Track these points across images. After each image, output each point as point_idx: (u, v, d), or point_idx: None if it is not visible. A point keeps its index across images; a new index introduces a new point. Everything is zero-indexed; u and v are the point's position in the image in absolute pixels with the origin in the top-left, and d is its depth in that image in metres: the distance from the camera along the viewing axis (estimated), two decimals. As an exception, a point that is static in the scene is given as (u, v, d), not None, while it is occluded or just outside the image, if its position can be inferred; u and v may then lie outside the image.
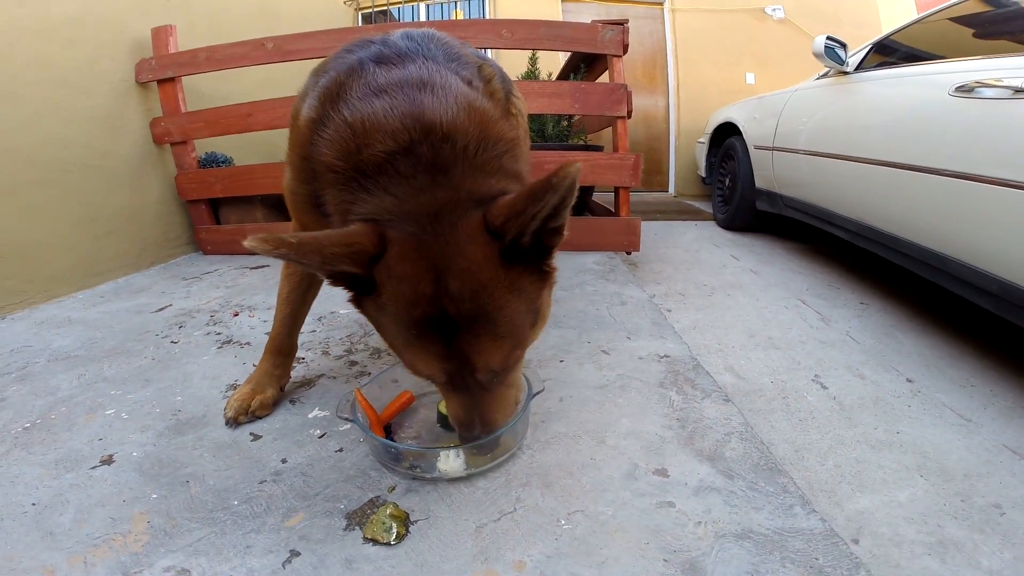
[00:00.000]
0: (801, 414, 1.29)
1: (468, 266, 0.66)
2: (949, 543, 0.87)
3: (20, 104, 1.91)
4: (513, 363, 0.76)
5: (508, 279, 0.68)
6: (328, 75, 0.83)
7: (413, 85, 0.75)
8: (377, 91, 0.75)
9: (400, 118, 0.71)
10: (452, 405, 0.80)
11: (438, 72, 0.78)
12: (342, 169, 0.73)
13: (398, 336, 0.71)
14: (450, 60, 0.84)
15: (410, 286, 0.66)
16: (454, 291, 0.65)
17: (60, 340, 1.55)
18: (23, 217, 1.89)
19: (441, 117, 0.71)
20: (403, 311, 0.67)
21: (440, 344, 0.69)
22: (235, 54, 2.46)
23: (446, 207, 0.67)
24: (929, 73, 1.80)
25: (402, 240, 0.67)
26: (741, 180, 3.35)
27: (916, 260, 1.80)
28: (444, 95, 0.74)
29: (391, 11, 5.73)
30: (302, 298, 1.17)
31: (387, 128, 0.71)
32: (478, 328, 0.68)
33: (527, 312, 0.72)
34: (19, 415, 1.13)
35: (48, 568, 0.73)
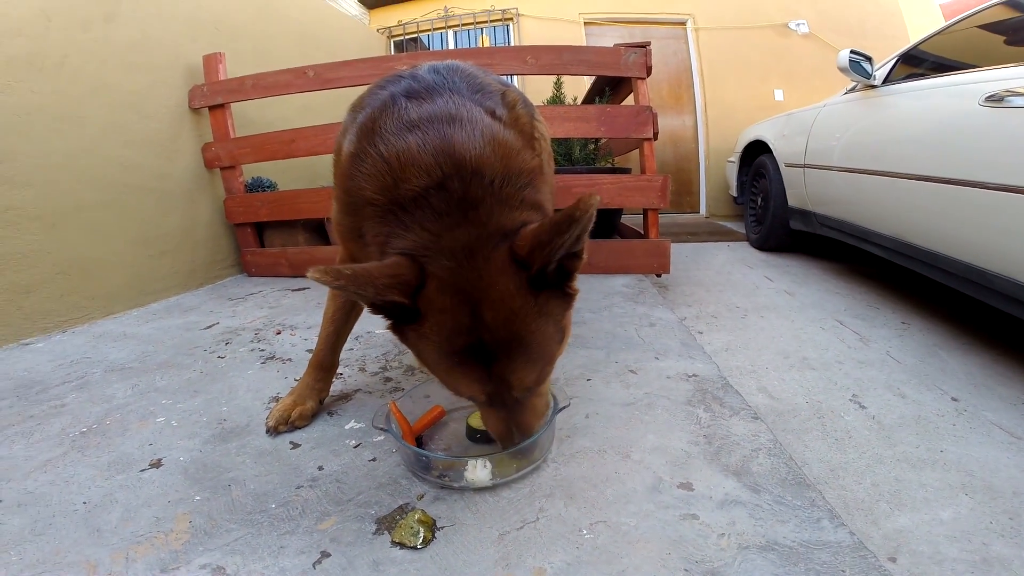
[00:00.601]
0: (837, 434, 1.26)
1: (500, 296, 0.71)
2: (995, 561, 0.83)
3: (86, 127, 2.06)
4: (544, 378, 0.83)
5: (537, 305, 0.74)
6: (364, 111, 0.90)
7: (442, 120, 0.81)
8: (409, 126, 0.81)
9: (432, 153, 0.77)
10: (492, 420, 0.86)
11: (464, 105, 0.84)
12: (380, 203, 0.80)
13: (440, 362, 0.77)
14: (475, 92, 0.89)
15: (450, 317, 0.72)
16: (489, 321, 0.71)
17: (116, 353, 1.66)
18: (87, 235, 2.04)
19: (470, 152, 0.77)
20: (445, 340, 0.73)
21: (480, 369, 0.75)
22: (279, 81, 2.62)
23: (477, 242, 0.73)
24: (958, 83, 1.77)
25: (440, 274, 0.72)
26: (773, 199, 3.30)
27: (957, 277, 1.74)
28: (471, 129, 0.80)
29: (421, 38, 5.99)
30: (345, 318, 1.23)
31: (420, 163, 0.77)
32: (513, 352, 0.74)
33: (555, 332, 0.78)
34: (76, 420, 1.22)
35: (91, 563, 0.78)
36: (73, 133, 2.01)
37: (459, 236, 0.73)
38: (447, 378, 0.79)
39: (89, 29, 2.10)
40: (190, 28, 2.65)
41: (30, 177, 1.85)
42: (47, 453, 1.08)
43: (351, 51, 4.20)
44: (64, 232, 1.95)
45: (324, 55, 3.69)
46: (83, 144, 2.05)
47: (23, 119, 1.84)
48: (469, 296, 0.72)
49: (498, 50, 2.55)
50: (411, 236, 0.75)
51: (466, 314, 0.72)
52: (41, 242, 1.88)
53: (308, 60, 2.81)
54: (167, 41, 2.50)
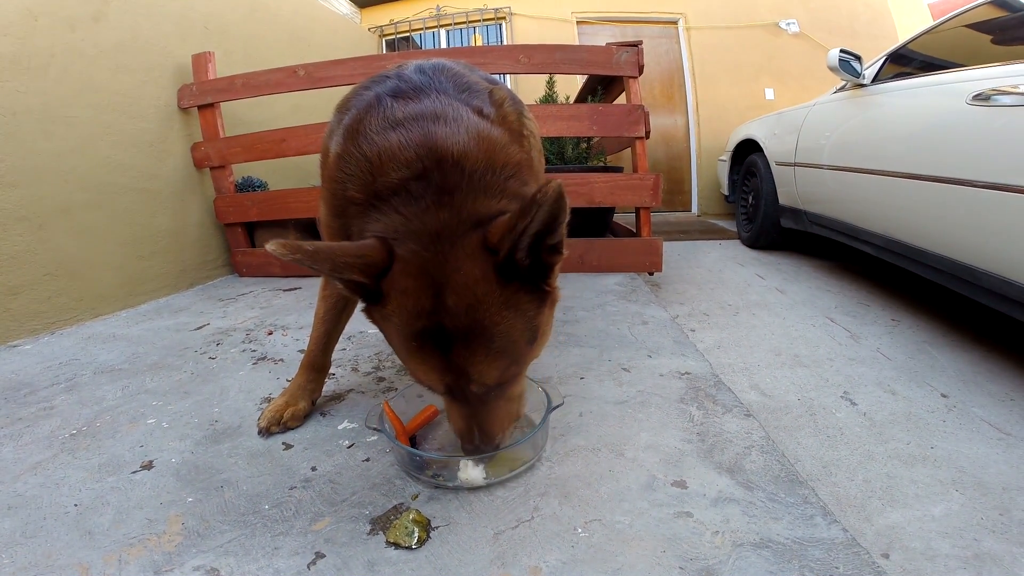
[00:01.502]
0: (829, 430, 1.27)
1: (464, 281, 0.69)
2: (986, 557, 0.84)
3: (73, 127, 2.04)
4: (509, 378, 0.79)
5: (504, 296, 0.71)
6: (350, 113, 0.89)
7: (427, 118, 0.80)
8: (393, 124, 0.81)
9: (414, 148, 0.77)
10: (452, 414, 0.84)
11: (450, 104, 0.84)
12: (361, 200, 0.79)
13: (401, 345, 0.76)
14: (461, 91, 0.89)
15: (412, 299, 0.71)
16: (451, 305, 0.69)
17: (105, 354, 1.65)
18: (75, 236, 2.02)
19: (452, 146, 0.76)
20: (405, 322, 0.72)
21: (438, 356, 0.73)
22: (270, 80, 2.60)
23: (447, 226, 0.71)
24: (945, 82, 1.79)
25: (406, 256, 0.71)
26: (764, 197, 3.33)
27: (947, 274, 1.76)
28: (456, 126, 0.79)
29: (413, 37, 5.97)
30: (337, 319, 1.22)
31: (400, 158, 0.76)
32: (473, 342, 0.71)
33: (524, 329, 0.75)
34: (66, 422, 1.20)
35: (83, 565, 0.77)
36: (60, 133, 1.98)
37: (429, 219, 0.72)
38: (408, 362, 0.78)
39: (76, 29, 2.07)
40: (179, 27, 2.62)
41: (17, 178, 1.82)
42: (37, 455, 1.07)
43: (342, 50, 4.17)
44: (52, 233, 1.93)
45: (315, 54, 3.68)
46: (71, 144, 2.02)
47: (9, 119, 1.81)
48: (433, 279, 0.70)
49: (491, 49, 2.55)
50: (384, 220, 0.75)
51: (428, 297, 0.70)
52: (28, 243, 1.85)
53: (299, 59, 2.79)
54: (156, 41, 2.47)
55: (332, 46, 4.15)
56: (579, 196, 2.51)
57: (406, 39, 5.98)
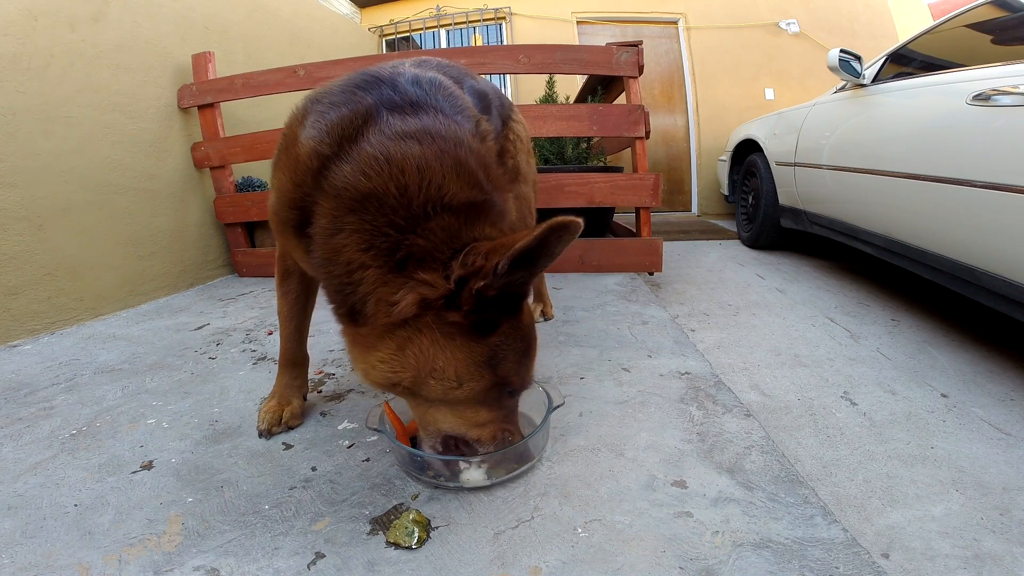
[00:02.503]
0: (829, 430, 1.27)
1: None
2: (986, 557, 0.84)
3: (73, 127, 2.04)
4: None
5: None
6: (338, 110, 0.83)
7: (429, 134, 0.80)
8: (400, 136, 0.78)
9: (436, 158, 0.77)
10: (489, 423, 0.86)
11: (447, 125, 0.83)
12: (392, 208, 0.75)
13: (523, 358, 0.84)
14: (456, 112, 0.89)
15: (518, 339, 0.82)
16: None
17: (105, 354, 1.64)
18: (75, 236, 2.02)
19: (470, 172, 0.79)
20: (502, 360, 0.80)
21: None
22: (269, 81, 2.60)
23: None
24: (945, 83, 1.79)
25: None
26: (764, 197, 3.33)
27: (947, 274, 1.76)
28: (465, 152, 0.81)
29: (413, 37, 5.97)
30: (302, 312, 1.20)
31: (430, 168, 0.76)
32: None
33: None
34: (67, 423, 1.20)
35: (83, 565, 0.77)
36: (60, 133, 1.98)
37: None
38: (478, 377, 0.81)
39: (76, 29, 2.07)
40: (179, 28, 2.62)
41: (16, 178, 1.82)
42: (37, 455, 1.06)
43: (342, 50, 4.18)
44: (52, 233, 1.93)
45: (315, 54, 3.68)
46: (71, 144, 2.02)
47: (9, 119, 1.81)
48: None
49: (491, 49, 2.55)
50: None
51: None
52: (28, 243, 1.85)
53: (299, 59, 2.79)
54: (156, 41, 2.48)
55: (332, 46, 4.15)
56: (579, 196, 2.51)
57: (406, 39, 5.97)
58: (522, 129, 1.56)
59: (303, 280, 1.15)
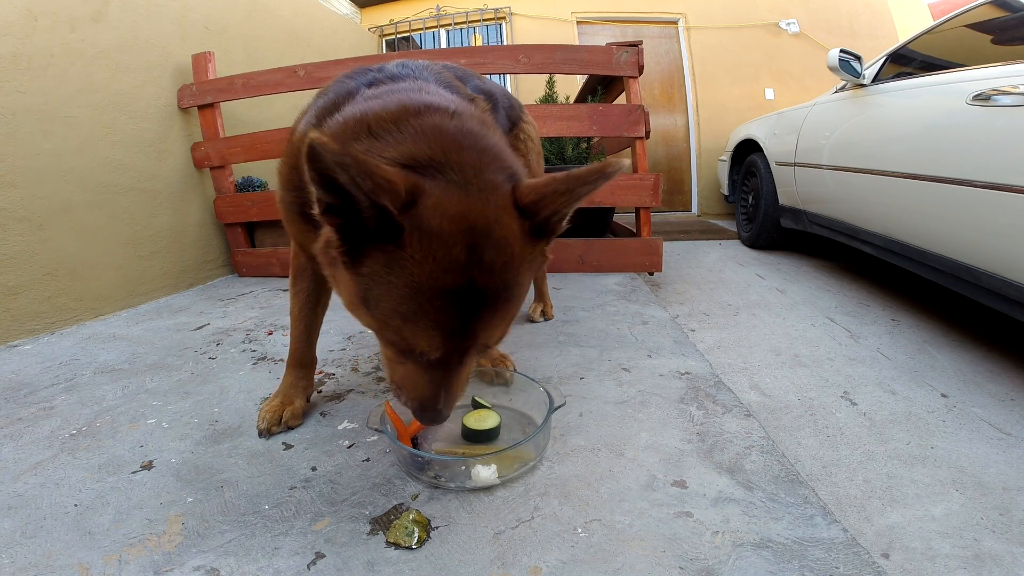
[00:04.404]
0: (829, 430, 1.27)
1: (505, 236, 0.63)
2: (987, 557, 0.84)
3: (73, 127, 2.04)
4: (503, 338, 0.74)
5: (530, 256, 0.67)
6: (327, 96, 0.89)
7: (411, 90, 0.80)
8: (372, 97, 0.80)
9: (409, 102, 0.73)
10: (419, 382, 0.71)
11: (430, 88, 0.83)
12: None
13: (408, 302, 0.62)
14: (441, 85, 0.89)
15: (444, 247, 0.60)
16: (488, 261, 0.62)
17: (105, 354, 1.64)
18: (75, 236, 2.01)
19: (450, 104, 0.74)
20: (429, 274, 0.60)
21: (456, 317, 0.63)
22: (269, 81, 2.60)
23: (488, 167, 0.65)
24: (945, 82, 1.79)
25: (442, 191, 0.61)
26: (764, 197, 3.33)
27: (947, 274, 1.76)
28: (462, 113, 0.76)
29: (413, 37, 5.98)
30: (313, 312, 1.20)
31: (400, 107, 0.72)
32: (498, 304, 0.65)
33: (527, 289, 0.72)
34: (66, 423, 1.20)
35: (83, 565, 0.77)
36: (60, 133, 1.98)
37: (469, 158, 0.65)
38: (407, 324, 0.64)
39: (76, 29, 2.07)
40: (179, 28, 2.62)
41: (16, 178, 1.82)
42: (37, 455, 1.06)
43: (342, 50, 4.18)
44: (52, 233, 1.93)
45: (315, 54, 3.68)
46: (71, 144, 2.02)
47: (9, 119, 1.81)
48: (472, 227, 0.61)
49: (490, 49, 2.54)
50: (405, 148, 0.66)
51: (463, 247, 0.60)
52: (28, 243, 1.85)
53: (299, 59, 2.79)
54: (156, 41, 2.47)
55: (332, 46, 4.15)
56: (579, 196, 2.51)
57: (406, 39, 5.98)
58: (533, 130, 1.57)
59: (316, 280, 1.15)
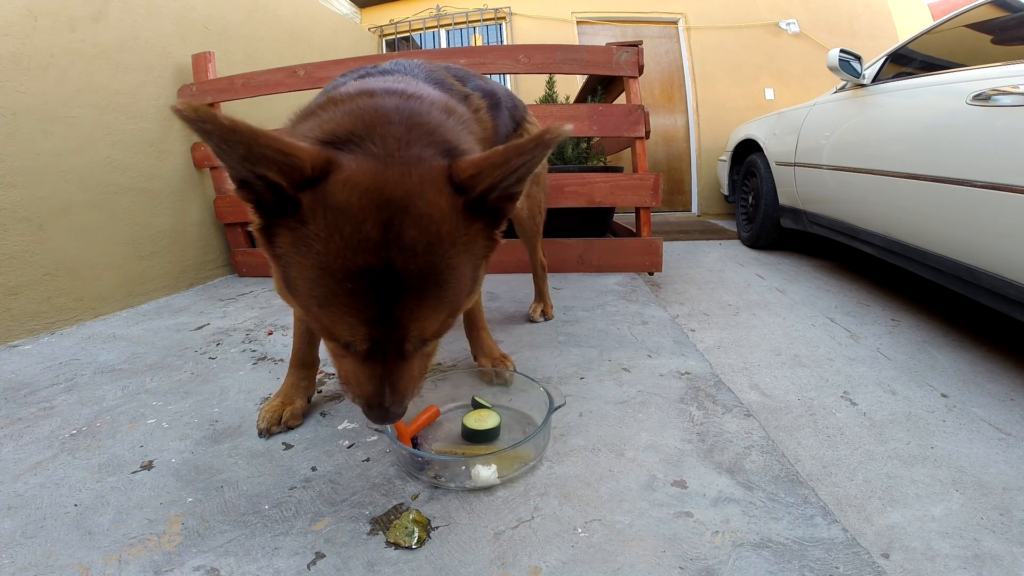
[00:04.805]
0: (829, 430, 1.27)
1: (429, 213, 0.57)
2: (987, 557, 0.84)
3: (73, 127, 2.04)
4: (445, 330, 0.67)
5: (466, 237, 0.61)
6: (320, 96, 0.88)
7: (389, 83, 0.79)
8: (354, 87, 0.79)
9: (372, 87, 0.74)
10: (360, 376, 0.67)
11: (416, 84, 0.82)
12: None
13: (319, 285, 0.57)
14: (431, 82, 0.88)
15: (353, 223, 0.55)
16: (408, 240, 0.56)
17: (105, 354, 1.65)
18: (75, 236, 2.02)
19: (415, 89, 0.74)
20: (336, 254, 0.55)
21: (373, 303, 0.57)
22: (270, 81, 2.60)
23: (415, 140, 0.61)
24: (945, 82, 1.79)
25: (355, 165, 0.57)
26: (764, 197, 3.33)
27: (947, 274, 1.76)
28: (420, 95, 0.75)
29: (413, 37, 5.98)
30: None
31: (356, 89, 0.73)
32: (424, 289, 0.58)
33: (471, 278, 0.65)
34: (66, 423, 1.20)
35: (83, 565, 0.77)
36: (60, 134, 1.98)
37: (396, 131, 0.61)
38: (322, 311, 0.59)
39: (76, 29, 2.07)
40: (179, 28, 2.62)
41: (16, 178, 1.82)
42: (37, 455, 1.06)
43: (342, 50, 4.18)
44: (52, 233, 1.93)
45: (315, 54, 3.68)
46: (71, 145, 2.02)
47: (9, 119, 1.81)
48: (388, 201, 0.55)
49: (491, 49, 2.54)
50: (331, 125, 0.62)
51: (376, 224, 0.54)
52: (28, 243, 1.85)
53: (299, 59, 2.79)
54: (156, 41, 2.47)
55: (332, 46, 4.15)
56: (579, 196, 2.51)
57: (406, 39, 5.98)
58: (536, 131, 1.57)
59: None
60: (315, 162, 0.55)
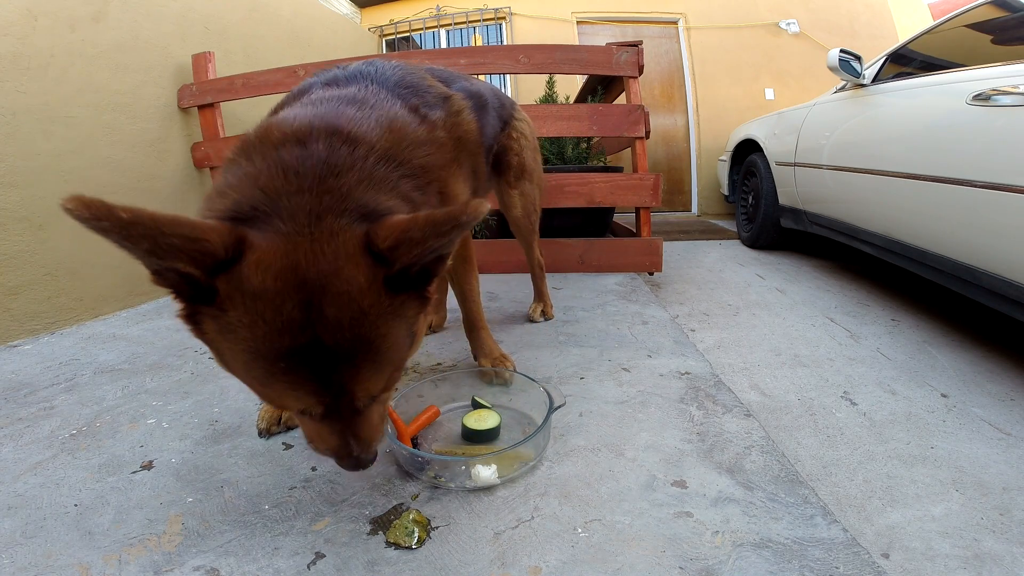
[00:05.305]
0: (829, 430, 1.27)
1: (348, 290, 0.56)
2: (986, 557, 0.84)
3: (73, 127, 2.04)
4: (392, 385, 0.69)
5: (392, 307, 0.60)
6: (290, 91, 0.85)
7: (344, 100, 0.75)
8: (308, 104, 0.76)
9: (310, 119, 0.68)
10: (323, 434, 0.68)
11: (377, 93, 0.78)
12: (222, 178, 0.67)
13: (254, 367, 0.58)
14: (403, 87, 0.84)
15: (273, 308, 0.54)
16: (331, 319, 0.56)
17: (105, 354, 1.65)
18: (75, 237, 2.01)
19: (351, 125, 0.68)
20: (264, 339, 0.55)
21: (313, 377, 0.58)
22: (269, 80, 2.60)
23: (328, 212, 0.59)
24: (945, 82, 1.79)
25: (268, 245, 0.56)
26: (764, 197, 3.33)
27: (947, 274, 1.76)
28: (368, 111, 0.72)
29: (413, 37, 5.98)
30: None
31: (288, 128, 0.67)
32: (359, 359, 0.59)
33: (407, 335, 0.65)
34: (66, 423, 1.20)
35: (83, 565, 0.77)
36: (60, 134, 1.98)
37: (305, 202, 0.58)
38: (265, 389, 0.61)
39: (76, 29, 2.07)
40: (179, 28, 2.62)
41: (16, 178, 1.82)
42: (37, 455, 1.06)
43: (342, 50, 4.18)
44: (52, 233, 1.93)
45: (315, 54, 3.68)
46: (71, 145, 2.02)
47: (9, 119, 1.81)
48: (305, 281, 0.55)
49: (491, 49, 2.54)
50: (235, 195, 0.60)
51: (297, 305, 0.54)
52: (28, 243, 1.85)
53: (299, 59, 2.79)
54: (156, 41, 2.47)
55: (332, 46, 4.15)
56: (579, 196, 2.51)
57: (406, 39, 5.98)
58: (527, 127, 1.55)
59: None
60: (227, 243, 0.53)
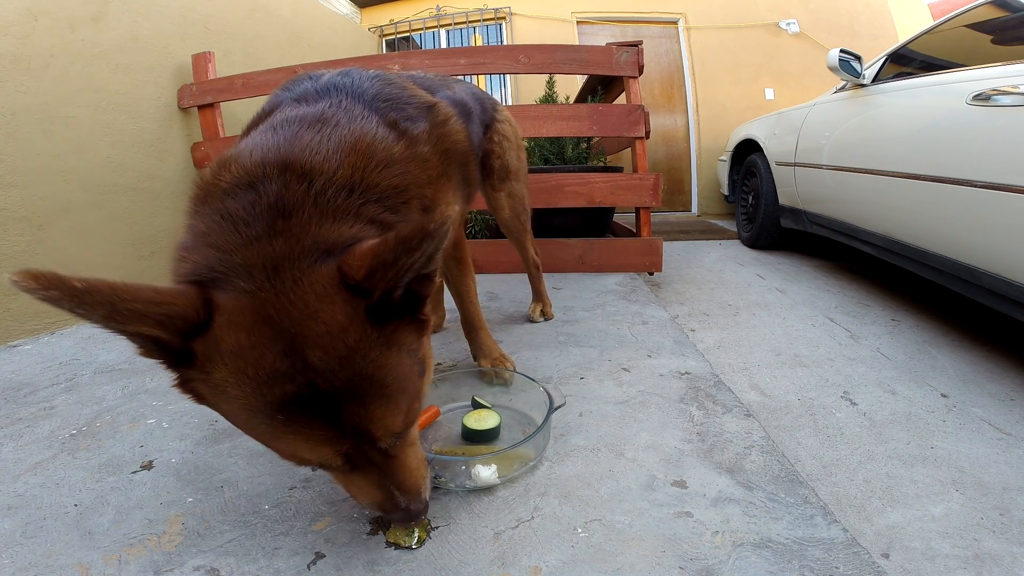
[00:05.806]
0: (829, 430, 1.27)
1: (328, 331, 0.54)
2: (986, 557, 0.84)
3: (73, 127, 2.04)
4: (414, 418, 0.65)
5: (383, 336, 0.57)
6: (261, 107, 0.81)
7: (307, 122, 0.70)
8: (268, 129, 0.71)
9: (262, 156, 0.64)
10: (361, 487, 0.65)
11: (348, 110, 0.73)
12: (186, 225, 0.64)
13: (256, 424, 0.56)
14: (381, 100, 0.80)
15: (253, 362, 0.53)
16: (318, 363, 0.53)
17: (105, 355, 1.65)
18: (75, 236, 2.02)
19: (306, 155, 0.64)
20: (254, 394, 0.53)
21: (322, 424, 0.56)
22: (269, 81, 2.60)
23: (285, 258, 0.56)
24: (945, 82, 1.79)
25: (233, 304, 0.54)
26: (764, 197, 3.33)
27: (947, 274, 1.76)
28: (330, 132, 0.68)
29: (413, 37, 5.98)
30: None
31: (242, 167, 0.64)
32: (363, 396, 0.56)
33: (412, 364, 0.61)
34: (66, 423, 1.20)
35: (83, 565, 0.77)
36: (60, 134, 1.98)
37: (260, 251, 0.56)
38: (277, 444, 0.58)
39: (76, 29, 2.07)
40: (179, 28, 2.62)
41: (16, 178, 1.82)
42: (37, 455, 1.06)
43: (342, 50, 4.18)
44: (52, 233, 1.93)
45: (315, 54, 3.68)
46: (71, 145, 2.02)
47: (9, 119, 1.81)
48: (279, 332, 0.53)
49: (491, 49, 2.54)
50: (194, 257, 0.58)
51: (278, 356, 0.52)
52: (28, 243, 1.85)
53: (298, 59, 2.79)
54: (156, 41, 2.48)
55: (332, 46, 4.15)
56: (579, 196, 2.51)
57: (406, 39, 5.98)
58: (508, 128, 1.52)
59: None
60: (196, 306, 0.52)
